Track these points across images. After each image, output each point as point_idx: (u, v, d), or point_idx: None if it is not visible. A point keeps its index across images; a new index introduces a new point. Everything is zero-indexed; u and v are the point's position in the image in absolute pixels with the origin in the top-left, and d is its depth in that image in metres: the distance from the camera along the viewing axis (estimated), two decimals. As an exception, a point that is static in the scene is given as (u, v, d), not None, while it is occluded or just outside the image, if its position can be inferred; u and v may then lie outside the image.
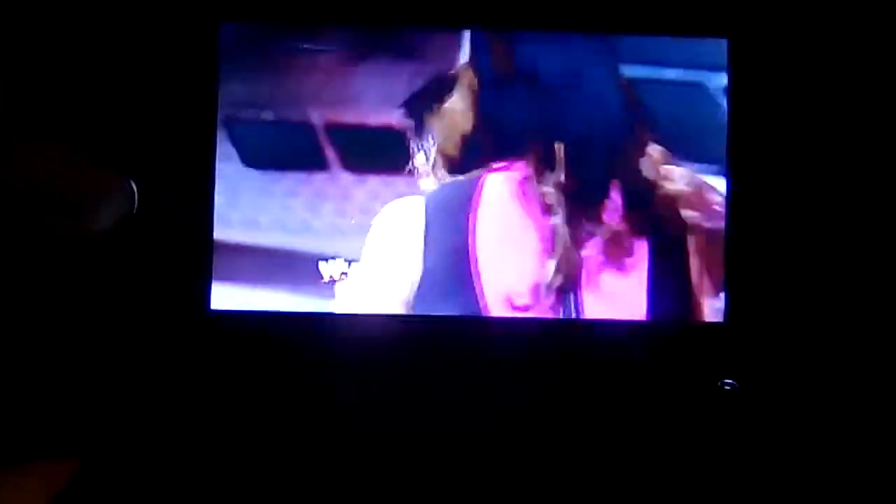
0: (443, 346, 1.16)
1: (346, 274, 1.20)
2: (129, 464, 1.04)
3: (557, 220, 1.22)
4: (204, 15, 1.13)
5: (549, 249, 1.21)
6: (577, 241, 1.21)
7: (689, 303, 1.19)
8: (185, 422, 1.09)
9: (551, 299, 1.20)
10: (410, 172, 1.21)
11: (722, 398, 1.12)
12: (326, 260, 1.19)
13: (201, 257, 1.14)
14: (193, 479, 1.03)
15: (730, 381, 1.12)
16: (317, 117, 1.22)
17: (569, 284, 1.21)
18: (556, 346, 1.16)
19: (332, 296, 1.17)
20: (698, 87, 1.22)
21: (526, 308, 1.20)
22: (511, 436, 1.09)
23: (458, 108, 1.21)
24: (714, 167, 1.19)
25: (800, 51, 1.16)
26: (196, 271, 1.14)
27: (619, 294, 1.20)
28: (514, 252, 1.21)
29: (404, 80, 1.21)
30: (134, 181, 1.02)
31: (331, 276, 1.19)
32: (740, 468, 1.05)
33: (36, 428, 1.05)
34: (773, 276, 1.15)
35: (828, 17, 1.15)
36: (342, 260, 1.20)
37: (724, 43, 1.19)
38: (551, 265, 1.20)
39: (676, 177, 1.19)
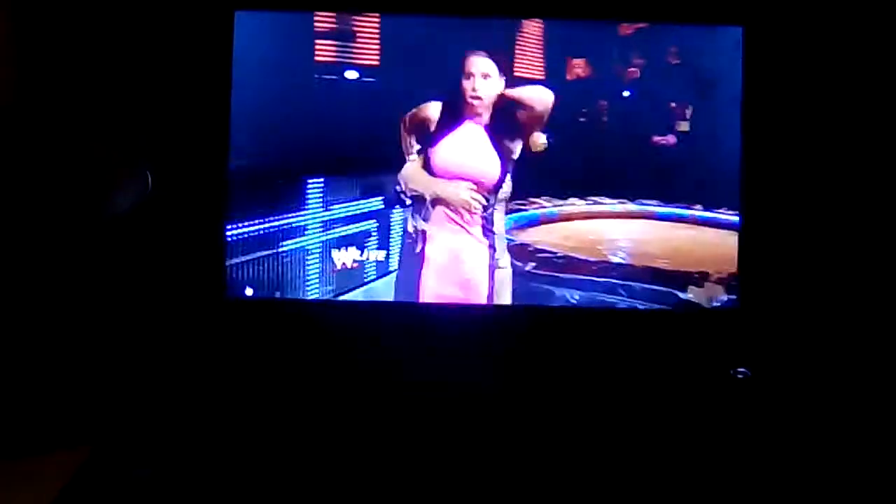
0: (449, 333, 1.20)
1: (358, 262, 1.23)
2: (141, 451, 1.04)
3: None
4: (219, 2, 1.14)
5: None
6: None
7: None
8: (196, 409, 1.11)
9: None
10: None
11: (734, 386, 1.13)
12: (339, 248, 1.25)
13: (217, 244, 1.15)
14: (205, 467, 1.03)
15: (742, 369, 1.12)
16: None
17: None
18: (567, 333, 1.18)
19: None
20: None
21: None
22: (522, 423, 1.10)
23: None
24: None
25: (813, 38, 1.19)
26: (212, 258, 1.15)
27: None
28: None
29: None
30: (149, 167, 1.04)
31: (343, 264, 1.22)
32: (752, 457, 1.04)
33: (48, 416, 1.05)
34: (786, 264, 1.17)
35: (841, 8, 1.19)
36: (355, 248, 1.26)
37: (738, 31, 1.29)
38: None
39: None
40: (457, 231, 1.43)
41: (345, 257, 1.35)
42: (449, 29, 1.42)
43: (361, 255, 1.30)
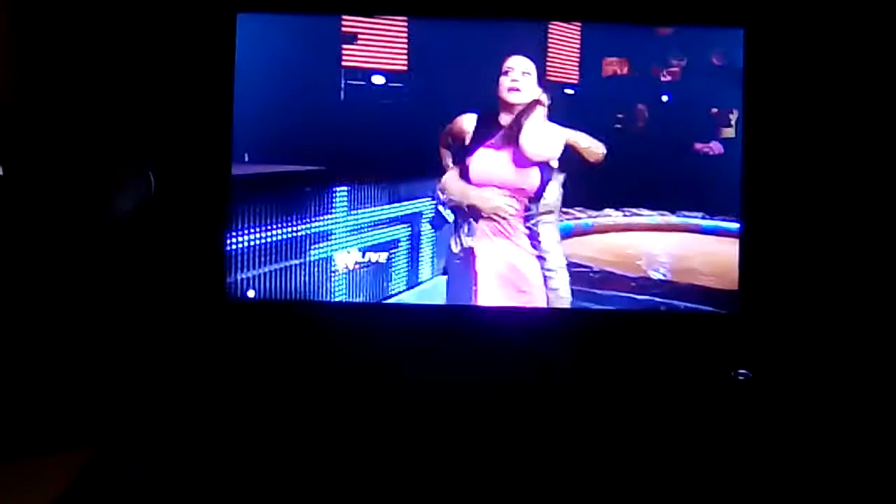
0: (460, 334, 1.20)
1: (360, 264, 1.24)
2: (144, 452, 1.04)
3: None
4: (221, 5, 1.14)
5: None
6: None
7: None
8: (199, 410, 1.10)
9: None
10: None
11: (735, 388, 1.12)
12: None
13: (219, 246, 1.14)
14: (207, 468, 1.03)
15: (743, 370, 1.12)
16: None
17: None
18: (568, 336, 1.18)
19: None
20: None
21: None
22: (524, 426, 1.09)
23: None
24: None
25: (815, 41, 1.19)
26: (214, 260, 1.15)
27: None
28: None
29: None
30: (151, 169, 1.05)
31: (345, 266, 1.22)
32: (754, 459, 1.04)
33: (51, 416, 1.05)
34: (788, 266, 1.16)
35: (843, 10, 1.19)
36: (356, 249, 1.26)
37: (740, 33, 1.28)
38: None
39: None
40: (504, 243, 1.41)
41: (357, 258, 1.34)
42: (480, 33, 1.40)
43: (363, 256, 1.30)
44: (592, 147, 1.39)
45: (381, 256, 1.34)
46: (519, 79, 1.39)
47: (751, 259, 1.19)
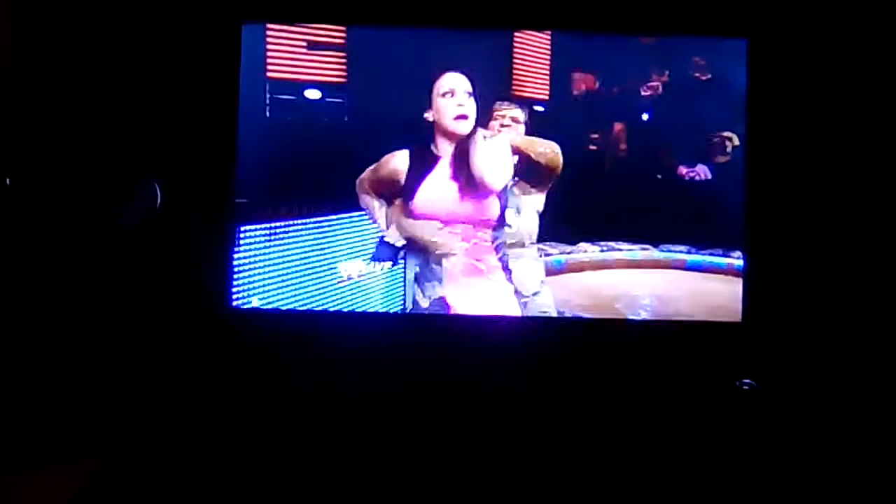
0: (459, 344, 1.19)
1: (364, 274, 1.21)
2: (148, 462, 1.05)
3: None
4: (226, 15, 1.16)
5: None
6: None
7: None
8: (202, 419, 1.11)
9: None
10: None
11: (739, 398, 1.12)
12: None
13: (222, 254, 1.16)
14: (210, 478, 1.04)
15: (748, 380, 1.12)
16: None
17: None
18: (571, 345, 1.17)
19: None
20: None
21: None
22: (525, 437, 1.10)
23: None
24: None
25: (820, 52, 1.17)
26: (216, 268, 1.16)
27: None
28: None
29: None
30: (158, 180, 1.07)
31: (349, 275, 1.19)
32: (758, 470, 1.05)
33: (54, 427, 1.07)
34: (792, 274, 1.16)
35: (847, 18, 1.16)
36: (361, 260, 1.22)
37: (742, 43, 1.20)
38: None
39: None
40: (480, 283, 1.25)
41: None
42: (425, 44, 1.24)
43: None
44: (547, 150, 1.23)
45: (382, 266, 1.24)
46: (465, 102, 1.22)
47: (755, 266, 1.18)
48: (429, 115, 1.22)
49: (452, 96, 1.22)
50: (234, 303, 1.17)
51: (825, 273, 1.17)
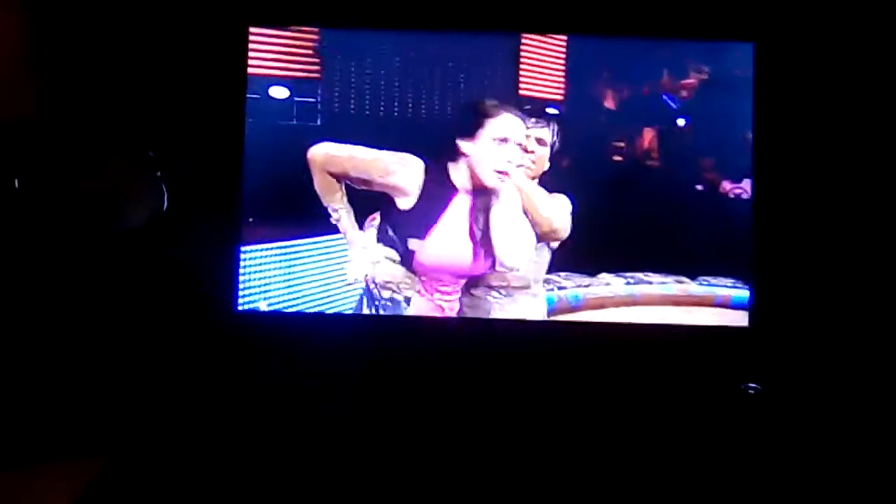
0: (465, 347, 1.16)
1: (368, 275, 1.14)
2: (155, 462, 1.07)
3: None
4: (233, 18, 1.18)
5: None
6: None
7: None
8: (208, 421, 1.12)
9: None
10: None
11: (746, 402, 1.13)
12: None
13: (229, 258, 1.17)
14: (214, 478, 1.05)
15: (754, 384, 1.12)
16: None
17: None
18: (578, 349, 1.15)
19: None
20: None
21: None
22: (532, 440, 1.09)
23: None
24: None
25: (824, 55, 1.15)
26: (223, 272, 1.17)
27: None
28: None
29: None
30: (165, 181, 1.07)
31: (356, 279, 1.12)
32: (764, 473, 1.06)
33: (62, 426, 1.08)
34: (799, 279, 1.15)
35: (853, 22, 1.14)
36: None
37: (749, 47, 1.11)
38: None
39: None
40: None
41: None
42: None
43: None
44: (547, 219, 1.08)
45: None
46: (514, 158, 1.08)
47: (762, 271, 1.14)
48: (464, 145, 1.08)
49: (504, 143, 1.07)
50: (240, 307, 1.14)
51: (831, 278, 1.15)
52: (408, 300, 1.10)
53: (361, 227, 1.08)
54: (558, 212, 1.07)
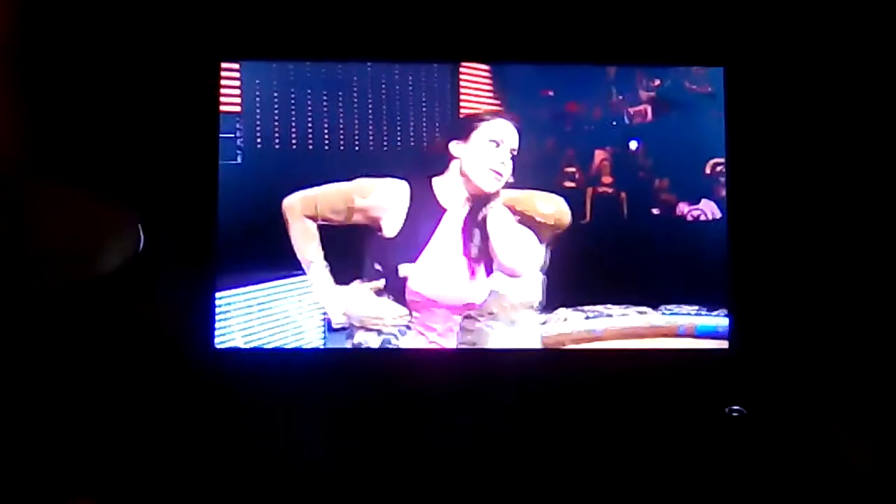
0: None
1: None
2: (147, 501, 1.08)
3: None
4: (205, 53, 1.19)
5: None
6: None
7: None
8: (194, 461, 1.12)
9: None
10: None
11: (730, 425, 1.14)
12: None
13: (206, 294, 1.18)
14: None
15: (738, 407, 1.13)
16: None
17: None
18: (560, 374, 1.16)
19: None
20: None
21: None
22: (512, 468, 1.08)
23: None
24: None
25: (796, 73, 1.17)
26: (200, 309, 1.19)
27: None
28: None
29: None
30: (141, 222, 1.08)
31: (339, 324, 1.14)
32: (748, 496, 1.05)
33: (51, 470, 1.07)
34: (780, 299, 1.16)
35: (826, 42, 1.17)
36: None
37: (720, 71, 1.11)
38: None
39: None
40: None
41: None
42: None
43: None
44: (553, 210, 1.06)
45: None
46: (506, 161, 1.06)
47: (741, 292, 1.15)
48: (455, 147, 1.04)
49: (498, 147, 1.05)
50: (217, 344, 1.14)
51: (815, 298, 1.17)
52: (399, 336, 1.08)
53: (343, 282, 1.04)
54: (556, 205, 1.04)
